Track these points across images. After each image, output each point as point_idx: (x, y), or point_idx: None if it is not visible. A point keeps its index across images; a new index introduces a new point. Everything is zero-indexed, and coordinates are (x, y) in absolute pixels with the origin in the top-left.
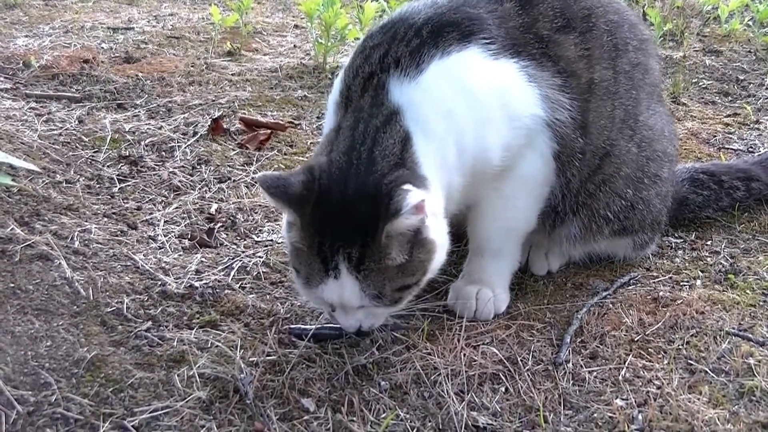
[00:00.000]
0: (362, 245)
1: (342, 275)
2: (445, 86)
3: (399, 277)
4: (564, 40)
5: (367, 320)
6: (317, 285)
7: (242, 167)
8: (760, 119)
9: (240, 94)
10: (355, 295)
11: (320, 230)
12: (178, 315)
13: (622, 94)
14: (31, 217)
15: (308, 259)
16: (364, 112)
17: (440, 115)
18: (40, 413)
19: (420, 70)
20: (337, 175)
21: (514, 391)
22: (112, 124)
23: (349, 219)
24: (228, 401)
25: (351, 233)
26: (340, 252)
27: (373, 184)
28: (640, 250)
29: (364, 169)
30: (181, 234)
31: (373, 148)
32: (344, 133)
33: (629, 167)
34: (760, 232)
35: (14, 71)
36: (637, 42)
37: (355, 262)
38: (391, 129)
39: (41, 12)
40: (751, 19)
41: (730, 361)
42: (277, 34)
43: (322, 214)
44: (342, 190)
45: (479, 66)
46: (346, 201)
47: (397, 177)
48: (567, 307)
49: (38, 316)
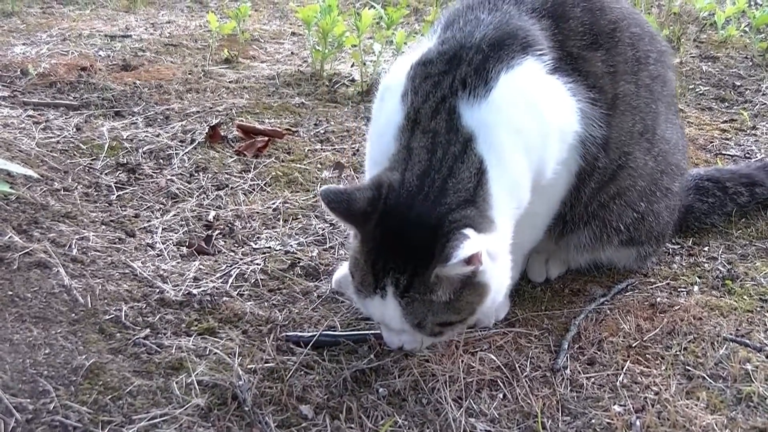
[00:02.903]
0: (411, 275)
1: (388, 297)
2: (516, 103)
3: (444, 312)
4: (592, 57)
5: (409, 343)
6: (365, 298)
7: (240, 174)
8: (756, 125)
9: (237, 102)
10: (396, 319)
11: (377, 248)
12: (176, 322)
13: (642, 108)
14: (29, 224)
15: (362, 272)
16: (441, 136)
17: (512, 134)
18: (39, 421)
19: (488, 88)
20: (405, 198)
21: (512, 398)
22: (110, 131)
23: (405, 245)
24: (226, 408)
25: (403, 260)
26: (390, 275)
27: (437, 217)
28: (642, 260)
29: (434, 198)
30: (179, 241)
31: (448, 178)
32: (419, 155)
33: (645, 180)
34: (757, 238)
35: (12, 79)
36: (657, 54)
37: (401, 289)
38: (467, 159)
39: (39, 20)
40: (748, 26)
41: (728, 366)
42: (275, 41)
43: (383, 234)
44: (406, 215)
45: (539, 78)
46: (407, 226)
47: (463, 217)
48: (565, 314)
49: (36, 323)
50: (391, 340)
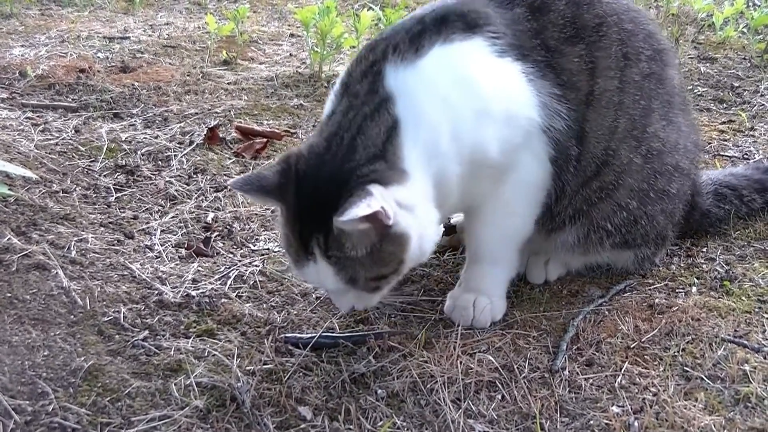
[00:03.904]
0: (326, 234)
1: (318, 260)
2: (444, 73)
3: (371, 266)
4: (570, 52)
5: (359, 303)
6: (301, 268)
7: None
8: (755, 126)
9: (236, 103)
10: (329, 279)
11: (298, 215)
12: (175, 324)
13: (628, 104)
14: (28, 226)
15: (290, 243)
16: (359, 98)
17: (436, 101)
18: (38, 423)
19: (418, 55)
20: (314, 161)
21: (511, 399)
22: (109, 133)
23: (319, 205)
24: (225, 410)
25: (320, 220)
26: (313, 238)
27: (345, 173)
28: (640, 263)
29: (342, 156)
30: (177, 243)
31: (356, 135)
32: (335, 118)
33: (633, 178)
34: (755, 239)
35: (10, 81)
36: (652, 52)
37: (323, 248)
38: (379, 117)
39: (37, 22)
40: (746, 27)
41: (726, 367)
42: (273, 42)
43: (300, 200)
44: (317, 176)
45: (482, 58)
46: (319, 187)
47: (371, 172)
48: (563, 315)
49: (35, 325)
50: (340, 303)
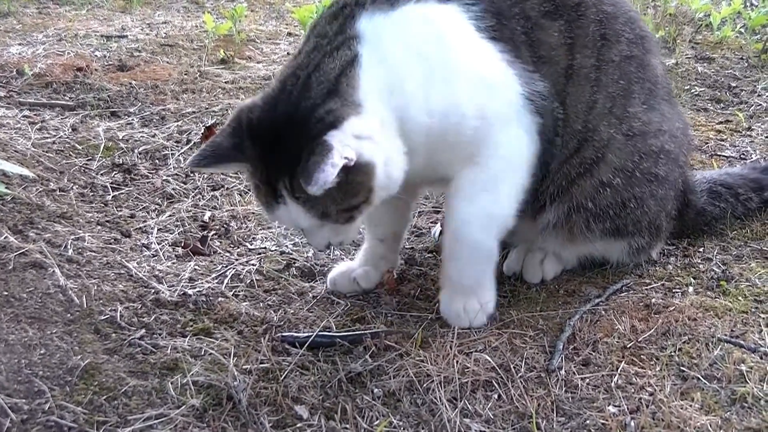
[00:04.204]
0: (292, 176)
1: (287, 201)
2: (419, 27)
3: (342, 199)
4: (549, 26)
5: (335, 237)
6: (273, 212)
7: (235, 175)
8: (752, 126)
9: (233, 102)
10: (302, 217)
11: (262, 163)
12: (171, 323)
13: (606, 83)
14: (25, 225)
15: (260, 190)
16: (326, 38)
17: (405, 47)
18: (34, 421)
19: (393, 7)
20: (268, 106)
21: (507, 398)
22: (106, 132)
23: (282, 151)
24: (221, 409)
25: (283, 163)
26: (280, 181)
27: (302, 116)
28: (636, 255)
29: (297, 95)
30: (174, 242)
31: (313, 73)
32: (298, 59)
33: (615, 155)
34: (752, 239)
35: (8, 79)
36: (633, 36)
37: (290, 190)
38: (339, 54)
39: (35, 20)
40: (743, 26)
41: (722, 367)
42: (271, 41)
43: (260, 148)
44: (273, 120)
45: (458, 22)
46: (278, 131)
47: (327, 113)
48: (559, 314)
49: (32, 324)
50: (316, 240)
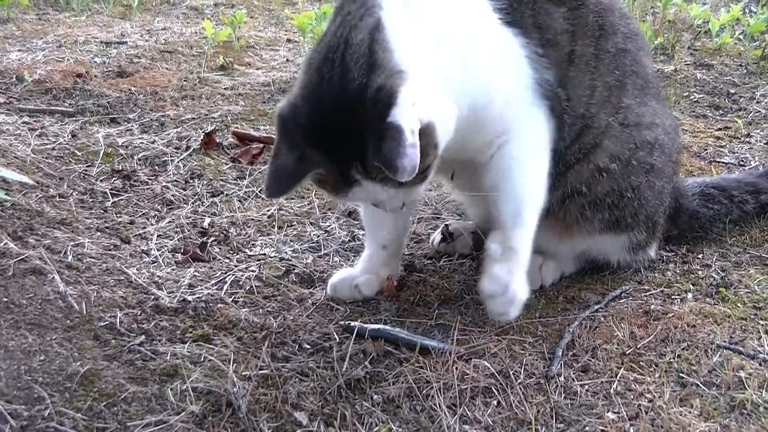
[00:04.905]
0: (363, 162)
1: (363, 183)
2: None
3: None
4: (554, 11)
5: (408, 198)
6: (345, 195)
7: (235, 181)
8: (750, 132)
9: (233, 109)
10: (380, 193)
11: (329, 161)
12: (171, 329)
13: (603, 72)
14: (25, 231)
15: (330, 180)
16: (350, 14)
17: (432, 16)
18: (34, 427)
19: None
20: (313, 103)
21: (506, 405)
22: (105, 138)
23: (344, 142)
24: (221, 415)
25: (351, 152)
26: (351, 168)
27: (353, 104)
28: (635, 252)
29: (338, 82)
30: (174, 248)
31: (345, 52)
32: (325, 40)
33: (611, 141)
34: (751, 246)
35: (7, 85)
36: (627, 31)
37: (364, 172)
38: (363, 23)
39: (34, 26)
40: (742, 33)
41: (722, 374)
42: (270, 48)
43: (325, 150)
44: (325, 118)
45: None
46: (332, 122)
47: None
48: (559, 321)
49: (31, 330)
50: (393, 206)
